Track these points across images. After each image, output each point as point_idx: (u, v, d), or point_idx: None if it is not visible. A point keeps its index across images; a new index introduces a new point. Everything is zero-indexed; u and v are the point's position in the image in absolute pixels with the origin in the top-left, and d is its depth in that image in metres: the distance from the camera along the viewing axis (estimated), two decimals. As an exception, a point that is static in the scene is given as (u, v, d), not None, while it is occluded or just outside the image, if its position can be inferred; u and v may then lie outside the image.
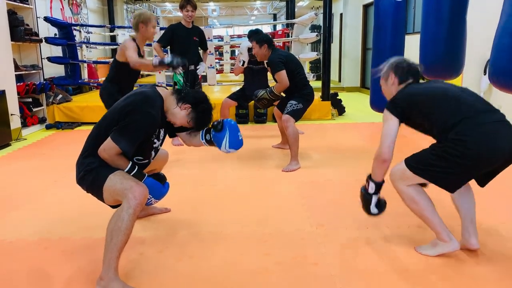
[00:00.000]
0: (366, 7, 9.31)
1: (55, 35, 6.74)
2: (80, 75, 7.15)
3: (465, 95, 1.93)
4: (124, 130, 1.85)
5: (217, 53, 10.21)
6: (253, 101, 4.02)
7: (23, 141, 4.96)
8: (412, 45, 5.11)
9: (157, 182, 1.98)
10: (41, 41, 5.75)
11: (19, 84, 5.19)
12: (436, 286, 1.81)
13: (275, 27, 13.81)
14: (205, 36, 4.67)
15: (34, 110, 5.61)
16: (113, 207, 1.96)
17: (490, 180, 1.94)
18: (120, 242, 1.72)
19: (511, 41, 2.59)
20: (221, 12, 15.93)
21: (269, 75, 4.22)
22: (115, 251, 1.72)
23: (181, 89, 2.09)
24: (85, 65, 7.54)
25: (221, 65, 9.67)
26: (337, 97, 6.46)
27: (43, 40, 5.98)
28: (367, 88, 9.00)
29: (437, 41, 3.64)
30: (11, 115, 4.84)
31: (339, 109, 6.41)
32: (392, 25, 4.57)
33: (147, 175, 1.96)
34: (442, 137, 1.87)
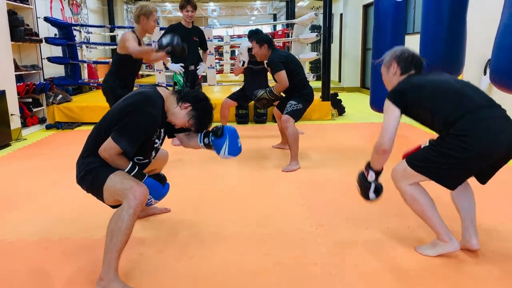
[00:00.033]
0: (366, 7, 9.31)
1: (55, 35, 6.74)
2: (80, 75, 7.15)
3: (467, 89, 1.91)
4: (124, 130, 1.85)
5: (217, 53, 10.22)
6: (253, 101, 4.02)
7: (23, 141, 4.96)
8: (412, 45, 5.08)
9: (157, 182, 1.98)
10: (41, 41, 5.75)
11: (19, 84, 5.19)
12: (436, 286, 1.81)
13: (275, 27, 13.81)
14: (205, 36, 4.67)
15: (34, 110, 5.61)
16: (113, 207, 1.96)
17: (490, 177, 1.93)
18: (120, 242, 1.72)
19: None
20: (221, 12, 15.92)
21: (269, 75, 4.22)
22: (115, 251, 1.72)
23: (181, 89, 2.09)
24: (85, 65, 7.55)
25: (221, 65, 9.68)
26: (337, 97, 6.46)
27: (43, 40, 5.98)
28: (367, 88, 9.00)
29: (437, 41, 3.65)
30: (11, 115, 4.84)
31: (339, 109, 6.42)
32: (392, 25, 4.56)
33: (147, 175, 1.96)
34: (443, 131, 1.85)
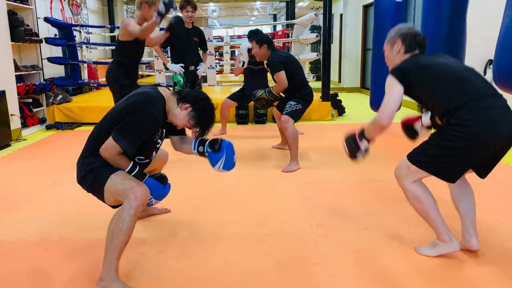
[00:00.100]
0: (366, 8, 9.31)
1: (55, 35, 6.75)
2: (80, 75, 7.16)
3: (469, 73, 1.87)
4: (125, 129, 1.85)
5: (217, 53, 10.22)
6: (253, 102, 4.03)
7: (23, 142, 4.96)
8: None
9: (158, 182, 1.98)
10: (41, 41, 5.75)
11: (19, 84, 5.19)
12: (436, 286, 1.81)
13: (275, 27, 13.83)
14: (205, 36, 4.67)
15: (34, 110, 5.61)
16: (114, 207, 1.96)
17: (490, 169, 1.91)
18: (120, 242, 1.72)
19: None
20: (221, 12, 15.94)
21: (269, 76, 4.22)
22: (116, 251, 1.72)
23: (181, 90, 2.09)
24: (85, 65, 7.55)
25: (221, 66, 9.68)
26: (337, 98, 6.47)
27: (43, 40, 5.98)
28: (367, 88, 9.00)
29: (437, 41, 3.65)
30: (11, 115, 4.84)
31: (339, 109, 6.42)
32: (392, 26, 4.52)
33: (148, 175, 1.96)
34: (444, 120, 1.83)
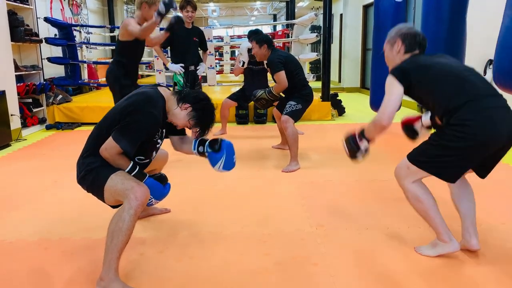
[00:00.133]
0: (366, 8, 9.31)
1: (55, 35, 6.75)
2: (80, 75, 7.16)
3: (469, 73, 1.87)
4: (125, 129, 1.85)
5: (217, 53, 10.22)
6: (253, 102, 4.03)
7: (23, 142, 4.96)
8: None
9: (158, 182, 1.98)
10: (41, 41, 5.76)
11: (19, 84, 5.19)
12: (436, 286, 1.81)
13: (275, 27, 13.83)
14: (205, 36, 4.67)
15: (34, 110, 5.62)
16: (114, 207, 1.96)
17: (490, 169, 1.91)
18: (120, 242, 1.72)
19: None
20: (221, 12, 15.94)
21: (269, 76, 4.22)
22: (116, 251, 1.72)
23: (181, 90, 2.09)
24: (85, 65, 7.55)
25: (221, 66, 9.68)
26: (337, 98, 6.47)
27: (43, 40, 5.98)
28: (367, 88, 9.00)
29: (437, 41, 3.65)
30: (11, 115, 4.84)
31: (339, 109, 6.42)
32: (392, 26, 4.52)
33: (148, 175, 1.96)
34: (444, 120, 1.83)
